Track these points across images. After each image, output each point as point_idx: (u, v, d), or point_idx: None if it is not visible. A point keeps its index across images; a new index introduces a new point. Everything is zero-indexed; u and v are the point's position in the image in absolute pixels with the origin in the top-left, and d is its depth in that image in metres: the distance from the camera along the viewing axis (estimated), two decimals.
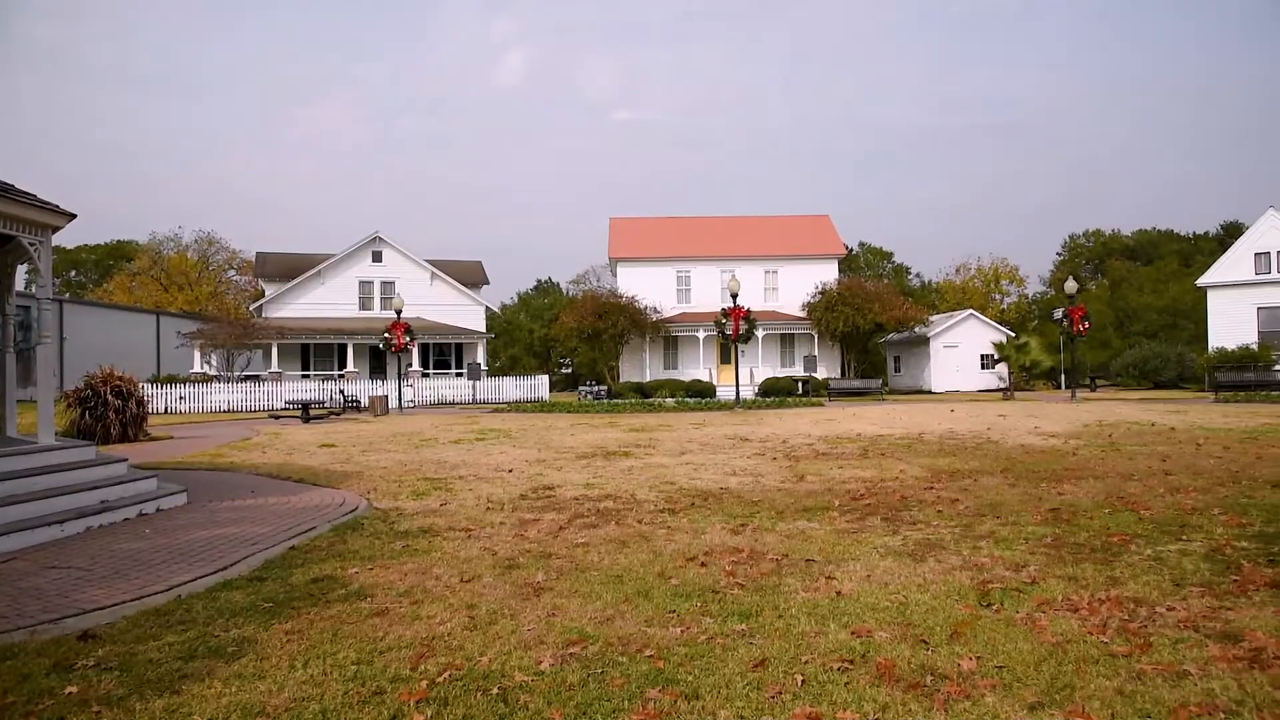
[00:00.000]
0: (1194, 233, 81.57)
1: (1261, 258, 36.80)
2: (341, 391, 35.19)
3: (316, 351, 43.44)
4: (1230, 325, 37.25)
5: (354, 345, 41.40)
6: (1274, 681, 3.56)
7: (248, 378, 38.66)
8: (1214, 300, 38.26)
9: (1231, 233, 64.10)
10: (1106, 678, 3.68)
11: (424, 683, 3.79)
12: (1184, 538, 6.53)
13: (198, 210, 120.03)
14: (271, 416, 28.85)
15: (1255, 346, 35.58)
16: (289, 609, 5.00)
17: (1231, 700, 3.40)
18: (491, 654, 4.17)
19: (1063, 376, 44.53)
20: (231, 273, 66.54)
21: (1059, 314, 35.40)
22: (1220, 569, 5.50)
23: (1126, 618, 4.52)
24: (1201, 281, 39.35)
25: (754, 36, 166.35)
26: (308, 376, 41.45)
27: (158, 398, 33.79)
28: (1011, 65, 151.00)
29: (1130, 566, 5.64)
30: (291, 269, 45.16)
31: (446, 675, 3.88)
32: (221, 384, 36.53)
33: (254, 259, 51.94)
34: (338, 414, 29.06)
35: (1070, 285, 34.91)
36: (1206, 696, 3.44)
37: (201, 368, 39.42)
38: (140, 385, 20.50)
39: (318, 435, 19.26)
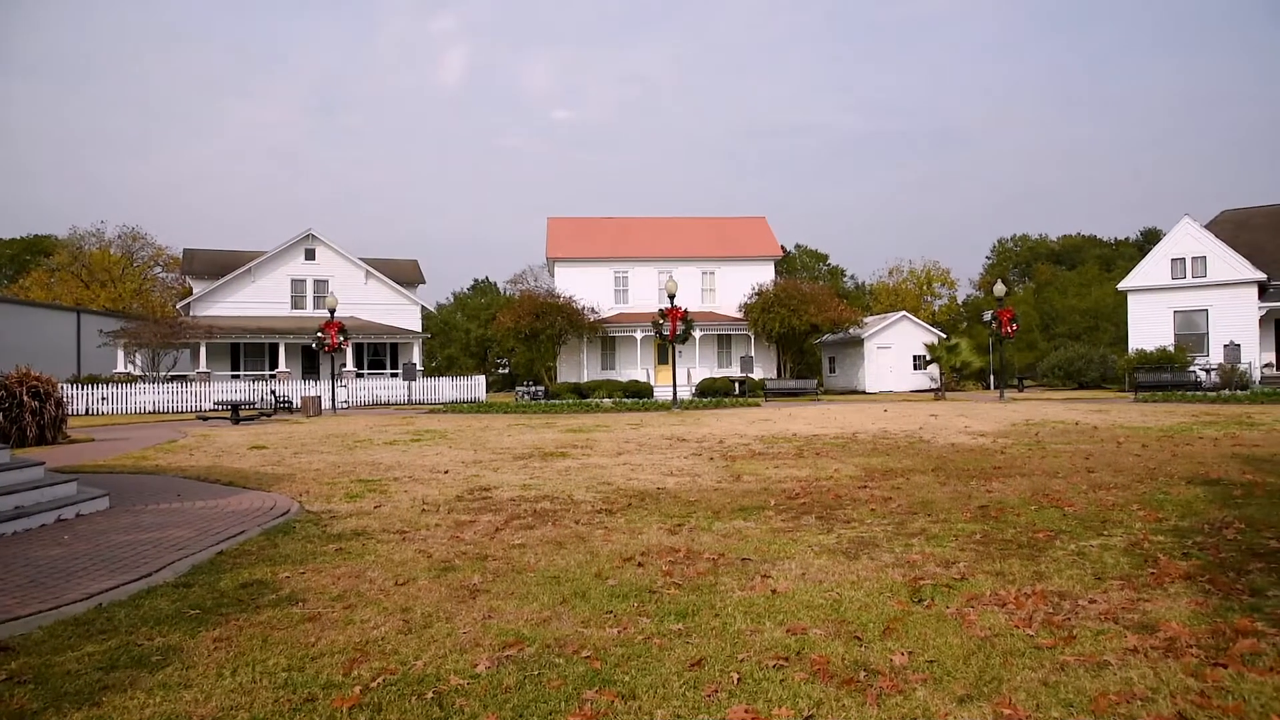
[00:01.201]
0: (1115, 238, 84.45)
1: (1177, 263, 38.16)
2: (273, 392, 34.45)
3: (247, 351, 42.47)
4: (1149, 328, 38.57)
5: (286, 345, 40.56)
6: (1187, 669, 3.70)
7: (175, 378, 37.61)
8: (1134, 304, 39.57)
9: (1150, 239, 66.45)
10: (1032, 669, 3.79)
11: (357, 689, 3.73)
12: (1105, 533, 6.74)
13: (121, 205, 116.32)
14: (200, 418, 28.13)
15: (1172, 348, 36.90)
16: (217, 615, 4.88)
17: (1148, 688, 3.52)
18: (426, 658, 4.13)
19: (992, 377, 45.64)
20: (157, 270, 64.63)
21: (988, 316, 36.33)
22: (1138, 562, 5.69)
23: (1051, 611, 4.65)
24: (1122, 286, 40.65)
25: (692, 39, 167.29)
26: (238, 377, 40.52)
27: (78, 399, 32.71)
28: (943, 73, 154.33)
29: (1055, 561, 5.81)
30: (221, 266, 44.08)
31: (380, 680, 3.82)
32: (147, 384, 35.48)
33: (181, 256, 50.56)
34: (269, 415, 28.43)
35: (999, 288, 35.79)
36: (1125, 685, 3.56)
37: (125, 368, 38.24)
38: (59, 385, 19.80)
39: (248, 437, 18.83)
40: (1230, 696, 3.41)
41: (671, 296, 30.06)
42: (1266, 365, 36.41)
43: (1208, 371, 34.85)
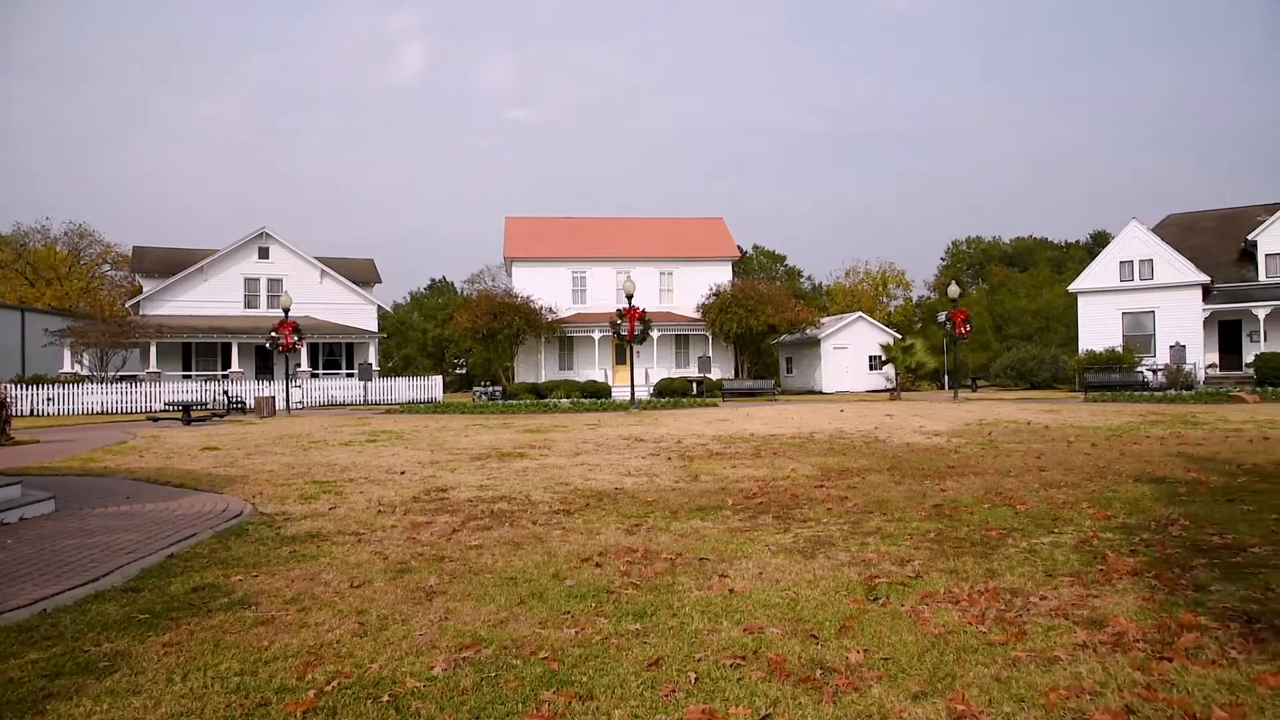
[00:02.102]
0: (1066, 241, 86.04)
1: (1125, 266, 39.02)
2: (225, 392, 33.89)
3: (199, 351, 41.73)
4: (1098, 329, 39.39)
5: (239, 345, 39.93)
6: (1134, 663, 3.78)
7: (124, 378, 36.81)
8: (1084, 305, 40.38)
9: (1100, 242, 67.76)
10: (984, 665, 3.84)
11: (311, 692, 3.68)
12: (1056, 530, 6.86)
13: (68, 201, 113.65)
14: (150, 419, 27.58)
15: (1120, 349, 37.74)
16: (167, 620, 4.79)
17: (1096, 682, 3.59)
18: (382, 660, 4.08)
19: (946, 377, 46.30)
20: (106, 268, 63.28)
21: (943, 317, 36.85)
22: (1088, 559, 5.81)
23: (1003, 608, 4.72)
24: (1073, 287, 41.47)
25: (649, 39, 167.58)
26: (189, 377, 39.80)
27: (23, 399, 31.93)
28: (899, 77, 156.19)
29: (1007, 559, 5.90)
30: (172, 265, 43.25)
31: (335, 684, 3.77)
32: (95, 385, 34.70)
33: (130, 254, 49.49)
34: (221, 416, 27.96)
35: (953, 290, 36.34)
36: (1074, 679, 3.63)
37: (73, 368, 37.38)
38: (4, 386, 19.30)
39: (200, 438, 18.50)
40: (1175, 689, 3.49)
41: (629, 296, 30.08)
42: (1210, 366, 37.37)
43: (1154, 372, 35.67)
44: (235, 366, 39.73)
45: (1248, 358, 36.62)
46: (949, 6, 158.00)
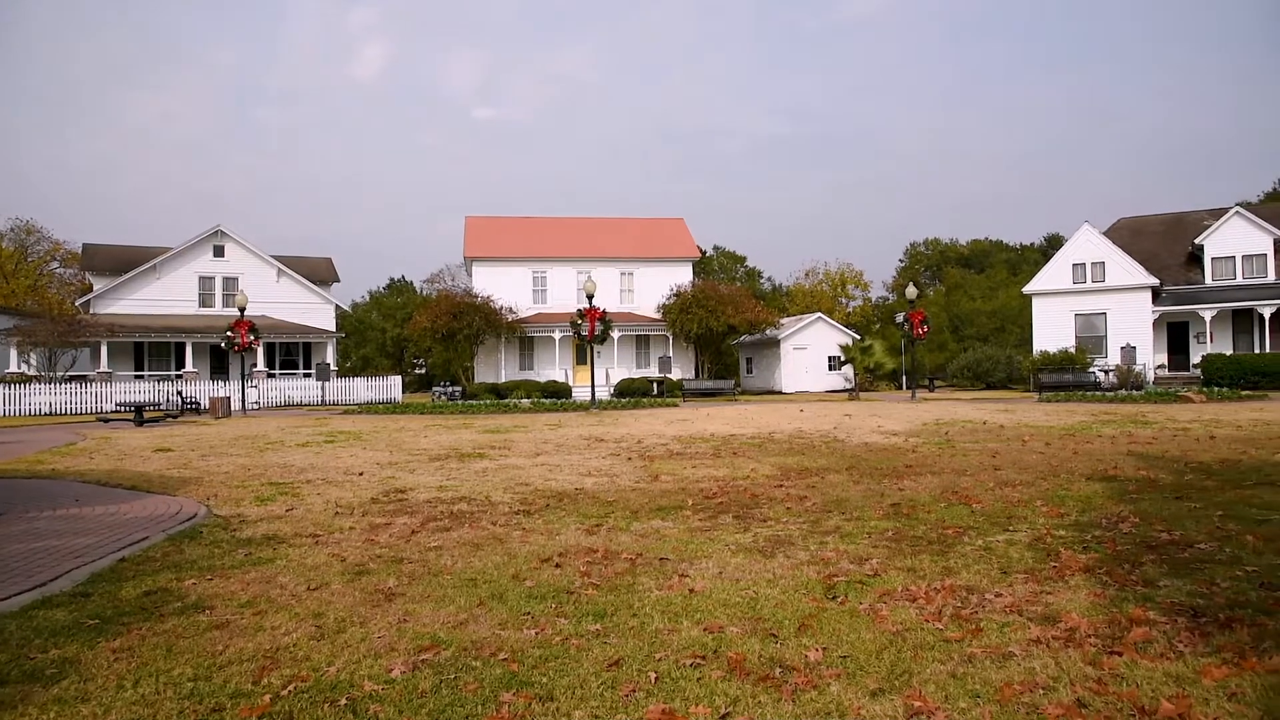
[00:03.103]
0: (1021, 243, 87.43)
1: (1078, 268, 39.77)
2: (179, 393, 33.25)
3: (152, 351, 40.95)
4: (1052, 330, 40.11)
5: (193, 344, 39.26)
6: (1086, 658, 3.86)
7: (73, 378, 36.01)
8: (1038, 307, 41.08)
9: (1054, 244, 68.98)
10: (941, 662, 3.89)
11: (267, 697, 3.63)
12: (1010, 528, 6.97)
13: (14, 197, 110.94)
14: (101, 420, 27.01)
15: (1073, 350, 38.46)
16: (118, 625, 4.69)
17: (1049, 677, 3.65)
18: (340, 663, 4.04)
19: (904, 377, 46.81)
20: (54, 265, 61.92)
21: (901, 318, 37.27)
22: (1041, 556, 5.91)
23: (959, 605, 4.79)
24: (1027, 289, 42.17)
25: (613, 40, 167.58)
26: (142, 377, 39.03)
27: None
28: (860, 79, 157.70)
29: (963, 556, 5.98)
30: (124, 263, 42.40)
31: (292, 688, 3.73)
32: (43, 385, 33.89)
33: (80, 251, 48.43)
34: (175, 417, 27.47)
35: (911, 291, 36.77)
36: (1028, 675, 3.69)
37: (19, 367, 36.51)
38: None
39: (153, 439, 18.15)
40: (1125, 683, 3.56)
41: (590, 297, 30.05)
42: (1159, 366, 38.20)
43: (1106, 372, 36.38)
44: (189, 366, 39.05)
45: (1195, 358, 37.51)
46: (910, 11, 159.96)
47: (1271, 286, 36.88)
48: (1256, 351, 35.71)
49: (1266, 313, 35.78)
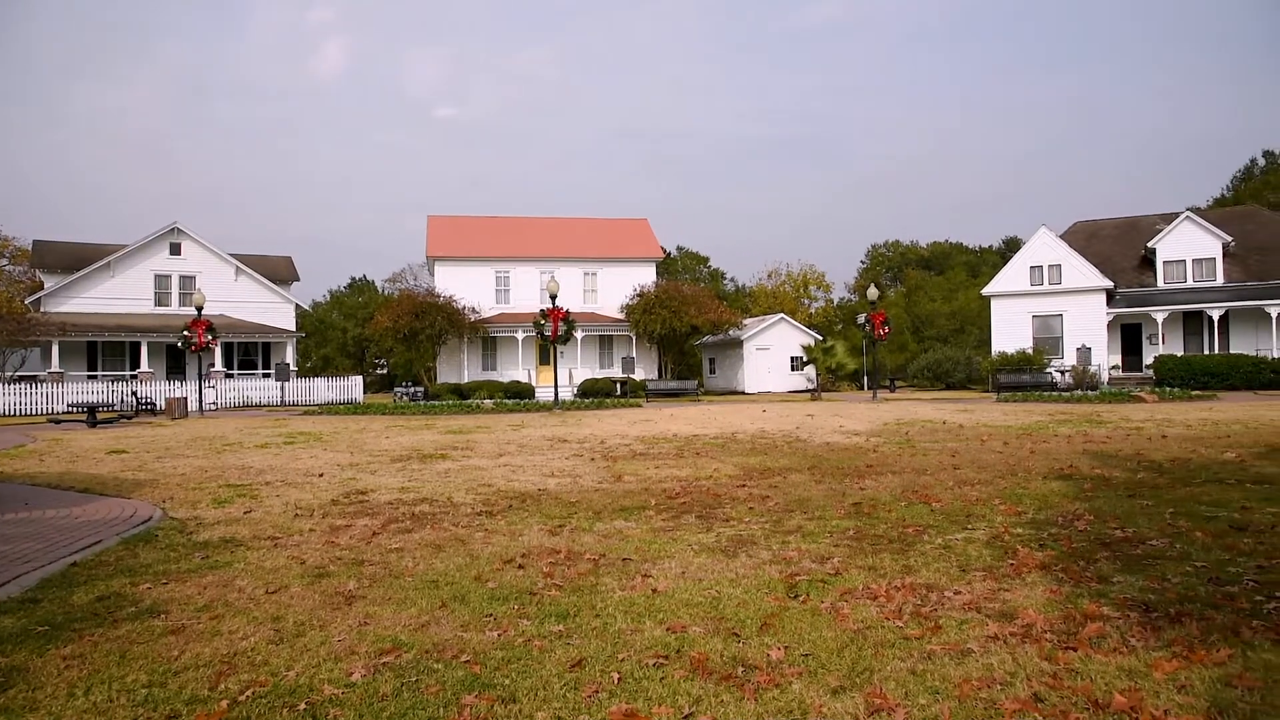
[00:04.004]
0: (981, 246, 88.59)
1: (1035, 270, 40.41)
2: (134, 393, 32.64)
3: (105, 350, 40.16)
4: (1010, 331, 40.72)
5: (149, 344, 38.56)
6: (1042, 654, 3.92)
7: (23, 378, 35.23)
8: (996, 308, 41.68)
9: (1012, 247, 69.99)
10: (901, 659, 3.93)
11: (224, 702, 3.57)
12: (969, 527, 7.06)
13: None
14: (52, 421, 26.45)
15: (1030, 351, 39.09)
16: (69, 631, 4.59)
17: (1007, 673, 3.71)
18: (299, 667, 3.99)
19: (865, 378, 47.24)
20: (3, 262, 60.34)
21: (862, 319, 37.60)
22: (999, 554, 5.99)
23: (919, 603, 4.84)
24: (986, 291, 42.76)
25: (577, 40, 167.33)
26: (95, 377, 38.24)
27: None
28: (823, 81, 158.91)
29: (923, 555, 6.05)
30: (76, 260, 41.53)
31: (250, 693, 3.67)
32: None
33: (31, 248, 47.33)
34: (129, 418, 26.97)
35: (872, 292, 37.11)
36: (986, 671, 3.74)
37: None
38: None
39: (106, 441, 17.81)
40: (1079, 677, 3.63)
41: (553, 297, 29.99)
42: (1114, 367, 38.94)
43: (1062, 373, 37.01)
44: (145, 366, 38.35)
45: (1148, 359, 38.29)
46: (872, 15, 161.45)
47: (1220, 289, 37.74)
48: (1206, 353, 36.53)
49: (1215, 315, 36.61)
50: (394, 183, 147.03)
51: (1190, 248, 38.92)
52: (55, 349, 36.77)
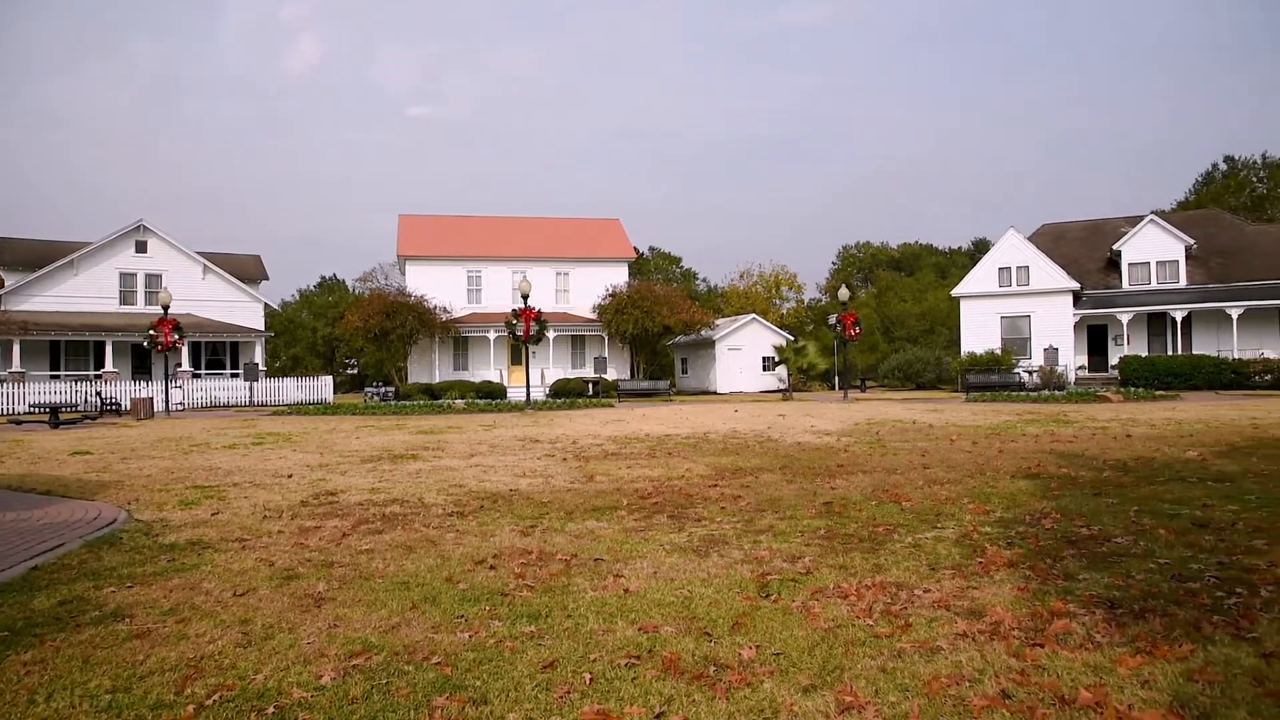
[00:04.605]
0: (950, 247, 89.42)
1: (1004, 272, 40.84)
2: (99, 394, 32.13)
3: (69, 350, 39.49)
4: (978, 332, 41.12)
5: (114, 343, 37.97)
6: (1009, 650, 3.97)
7: None
8: (965, 309, 42.06)
9: (981, 249, 70.61)
10: (871, 657, 3.96)
11: (190, 707, 3.53)
12: (939, 525, 7.13)
13: None
14: (12, 422, 25.97)
15: (999, 351, 39.50)
16: (29, 637, 4.51)
17: (975, 670, 3.75)
18: (267, 671, 3.95)
19: (836, 378, 47.49)
20: None
21: (833, 319, 37.82)
22: (968, 553, 6.05)
23: (889, 601, 4.88)
24: (955, 292, 43.14)
25: (551, 40, 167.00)
26: (58, 377, 37.62)
27: None
28: (796, 84, 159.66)
29: (893, 554, 6.10)
30: (39, 257, 40.82)
31: (216, 697, 3.63)
32: None
33: None
34: (93, 418, 26.55)
35: (843, 293, 37.35)
36: (955, 668, 3.78)
37: None
38: None
39: (69, 442, 17.52)
40: (1046, 674, 3.67)
41: (525, 297, 29.90)
42: (1080, 368, 39.45)
43: (1030, 373, 37.44)
44: (110, 366, 37.75)
45: (1113, 360, 38.83)
46: (855, 17, 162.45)
47: (1183, 291, 38.36)
48: (1170, 354, 37.11)
49: (1178, 316, 37.20)
50: (366, 181, 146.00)
51: (1154, 250, 39.52)
52: (16, 348, 36.11)
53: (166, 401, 30.96)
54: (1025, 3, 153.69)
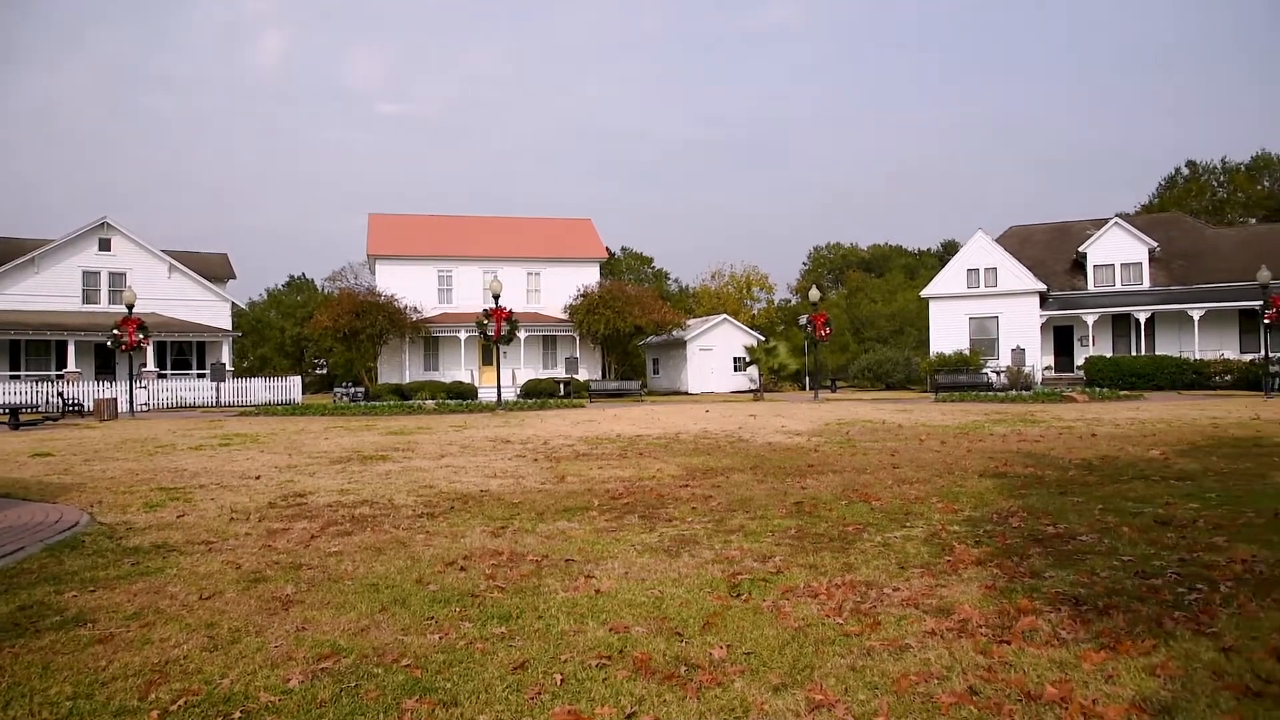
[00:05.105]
0: (919, 249, 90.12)
1: (972, 273, 41.26)
2: (60, 394, 31.60)
3: (29, 349, 38.79)
4: (947, 333, 41.51)
5: (76, 342, 37.35)
6: (977, 648, 4.01)
7: None
8: (934, 310, 42.45)
9: (950, 250, 71.20)
10: (841, 656, 3.99)
11: (155, 713, 3.48)
12: (908, 525, 7.19)
13: None
14: None
15: (967, 352, 39.91)
16: None
17: (943, 667, 3.79)
18: (234, 675, 3.91)
19: (807, 378, 47.73)
20: None
21: (804, 320, 37.98)
22: (937, 551, 6.11)
23: (859, 600, 4.92)
24: (924, 293, 43.52)
25: (524, 39, 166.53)
26: (18, 377, 36.92)
27: None
28: (767, 86, 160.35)
29: (863, 553, 6.14)
30: None
31: (182, 702, 3.59)
32: None
33: None
34: (55, 419, 26.11)
35: (814, 294, 37.52)
36: (924, 665, 3.82)
37: None
38: None
39: (30, 443, 17.22)
40: (1013, 670, 3.72)
41: (496, 297, 29.78)
42: (1047, 368, 39.95)
43: (998, 373, 37.86)
44: (72, 366, 37.13)
45: (1079, 360, 39.36)
46: (819, 22, 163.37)
47: (1146, 293, 38.97)
48: (1134, 354, 37.70)
49: (1142, 318, 37.79)
50: (336, 180, 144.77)
51: (1119, 253, 40.13)
52: None
53: (131, 402, 30.51)
54: (989, 7, 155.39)
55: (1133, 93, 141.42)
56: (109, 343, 31.05)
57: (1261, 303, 29.90)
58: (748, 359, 44.15)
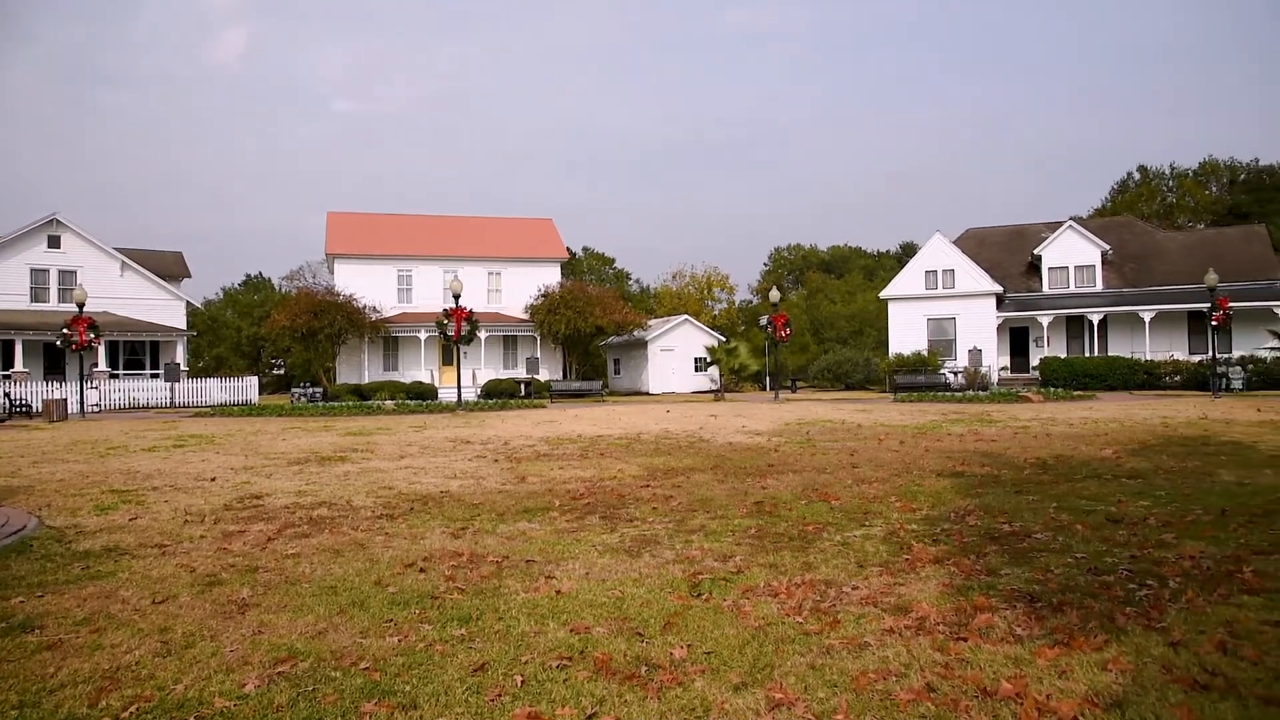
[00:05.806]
0: (878, 250, 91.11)
1: (930, 275, 41.80)
2: (7, 394, 30.85)
3: None
4: (906, 333, 42.02)
5: (24, 341, 36.48)
6: (935, 645, 4.06)
7: None
8: (893, 311, 42.94)
9: (908, 252, 72.00)
10: (801, 655, 4.02)
11: None
12: (867, 524, 7.26)
13: None
14: None
15: (926, 352, 40.41)
16: None
17: (901, 665, 3.83)
18: (188, 680, 3.84)
19: (767, 379, 48.01)
20: None
21: (765, 321, 38.19)
22: (895, 550, 6.17)
23: (819, 599, 4.95)
24: (883, 294, 44.00)
25: (484, 39, 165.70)
26: None
27: None
28: (734, 86, 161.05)
29: (822, 552, 6.19)
30: None
31: (134, 709, 3.52)
32: None
33: None
34: (2, 421, 25.51)
35: (774, 295, 37.74)
36: (882, 663, 3.85)
37: None
38: None
39: None
40: (970, 667, 3.77)
41: (456, 296, 29.59)
42: (1003, 368, 40.56)
43: (955, 374, 38.38)
44: (19, 366, 36.26)
45: (1034, 361, 40.03)
46: (791, 23, 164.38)
47: (1099, 295, 39.76)
48: (1087, 355, 38.43)
49: (1095, 319, 38.54)
50: (294, 178, 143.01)
51: (1073, 255, 40.90)
52: None
53: (81, 403, 29.86)
54: (951, 10, 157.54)
55: (1088, 97, 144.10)
56: (58, 342, 30.36)
57: (1209, 305, 30.61)
58: (709, 359, 44.32)
